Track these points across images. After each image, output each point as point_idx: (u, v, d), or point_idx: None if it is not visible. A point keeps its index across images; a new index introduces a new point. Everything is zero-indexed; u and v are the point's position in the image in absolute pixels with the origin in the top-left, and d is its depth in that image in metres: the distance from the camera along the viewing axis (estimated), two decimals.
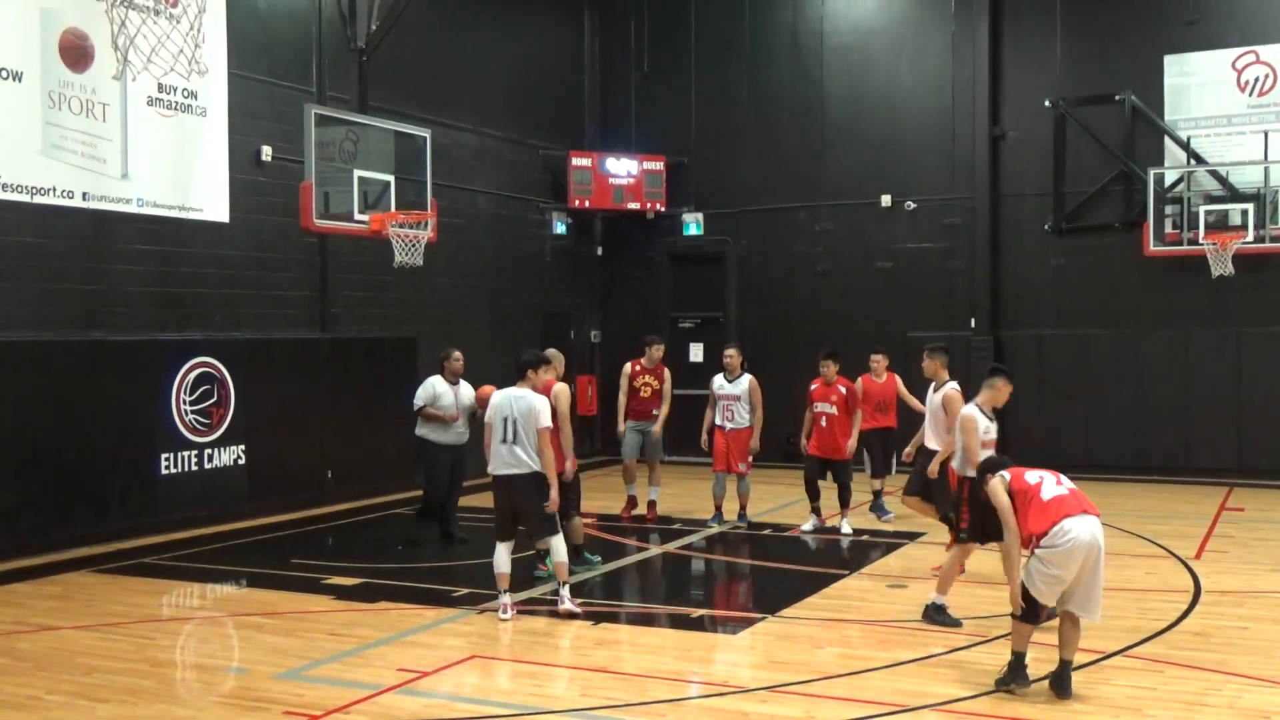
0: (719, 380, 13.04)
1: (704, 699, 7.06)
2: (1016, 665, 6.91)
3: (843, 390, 12.38)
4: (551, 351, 10.11)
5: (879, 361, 13.50)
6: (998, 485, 7.07)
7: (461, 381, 11.85)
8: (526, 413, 8.87)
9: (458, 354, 11.91)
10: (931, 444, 10.21)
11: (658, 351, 13.46)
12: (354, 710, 6.69)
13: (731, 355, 13.01)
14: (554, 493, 8.89)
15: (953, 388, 10.23)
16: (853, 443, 12.40)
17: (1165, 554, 11.23)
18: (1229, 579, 10.07)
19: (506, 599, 8.84)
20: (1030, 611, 6.85)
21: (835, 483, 12.40)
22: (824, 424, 12.30)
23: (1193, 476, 16.17)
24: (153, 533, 12.14)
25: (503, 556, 8.89)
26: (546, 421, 8.87)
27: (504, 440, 8.89)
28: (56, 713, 6.71)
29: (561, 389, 9.75)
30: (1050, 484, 6.95)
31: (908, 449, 11.07)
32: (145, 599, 9.67)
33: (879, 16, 18.40)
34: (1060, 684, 6.76)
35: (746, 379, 12.91)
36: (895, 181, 18.14)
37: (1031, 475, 7.06)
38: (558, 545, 8.98)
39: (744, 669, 7.72)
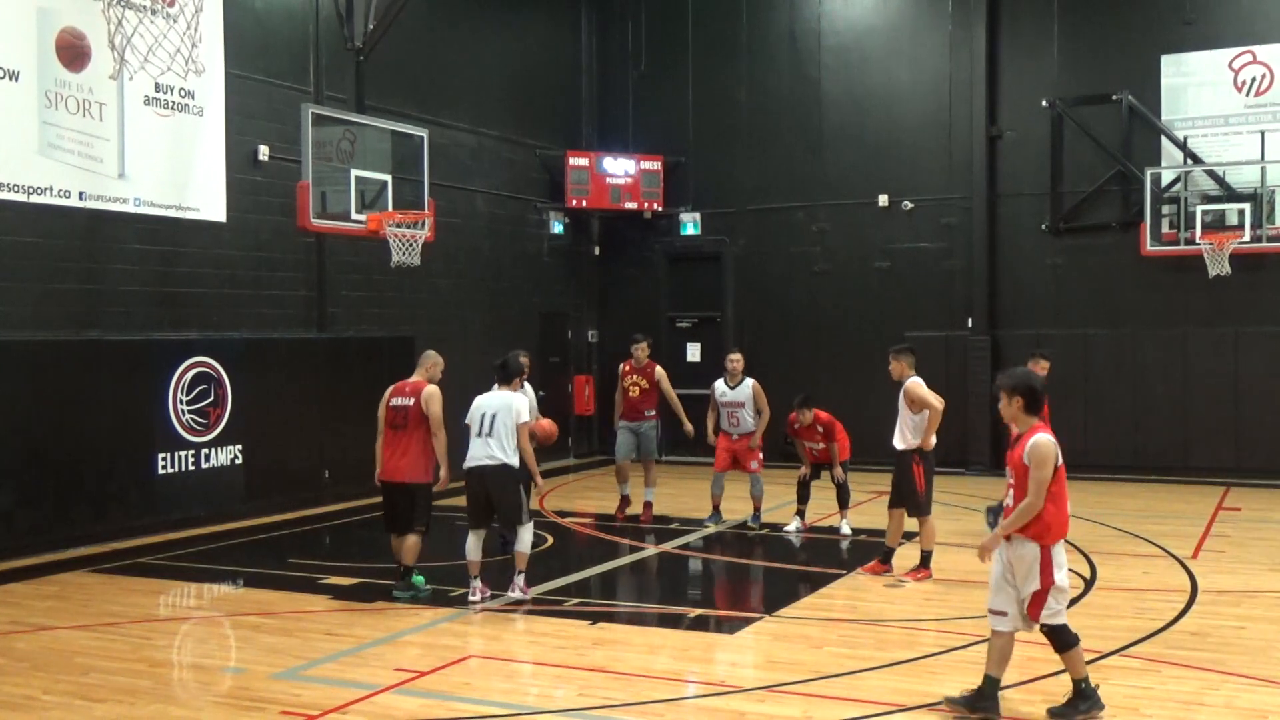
0: (720, 386, 12.86)
1: (701, 699, 7.06)
2: (1087, 692, 6.46)
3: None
4: (432, 352, 9.87)
5: (1043, 366, 12.28)
6: (1051, 451, 6.50)
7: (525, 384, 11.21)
8: (504, 408, 9.16)
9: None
10: (899, 445, 10.12)
11: (642, 350, 13.28)
12: (351, 710, 6.69)
13: (735, 360, 12.83)
14: (537, 478, 9.33)
15: (914, 381, 10.11)
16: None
17: (1162, 553, 11.23)
18: (1226, 579, 10.08)
19: (478, 583, 9.14)
20: (1069, 635, 6.49)
21: (833, 483, 12.35)
22: None
23: (1190, 476, 16.19)
24: (150, 532, 12.14)
25: (473, 545, 9.17)
26: (525, 417, 9.24)
27: (479, 434, 9.18)
28: (53, 713, 6.70)
29: (433, 391, 9.54)
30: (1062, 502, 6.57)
31: None
32: (142, 599, 9.65)
33: (876, 16, 18.41)
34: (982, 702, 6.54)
35: (749, 384, 12.78)
36: (892, 181, 18.15)
37: (1058, 482, 6.58)
38: (524, 536, 9.20)
39: (741, 669, 7.71)
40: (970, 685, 6.66)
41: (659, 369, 13.36)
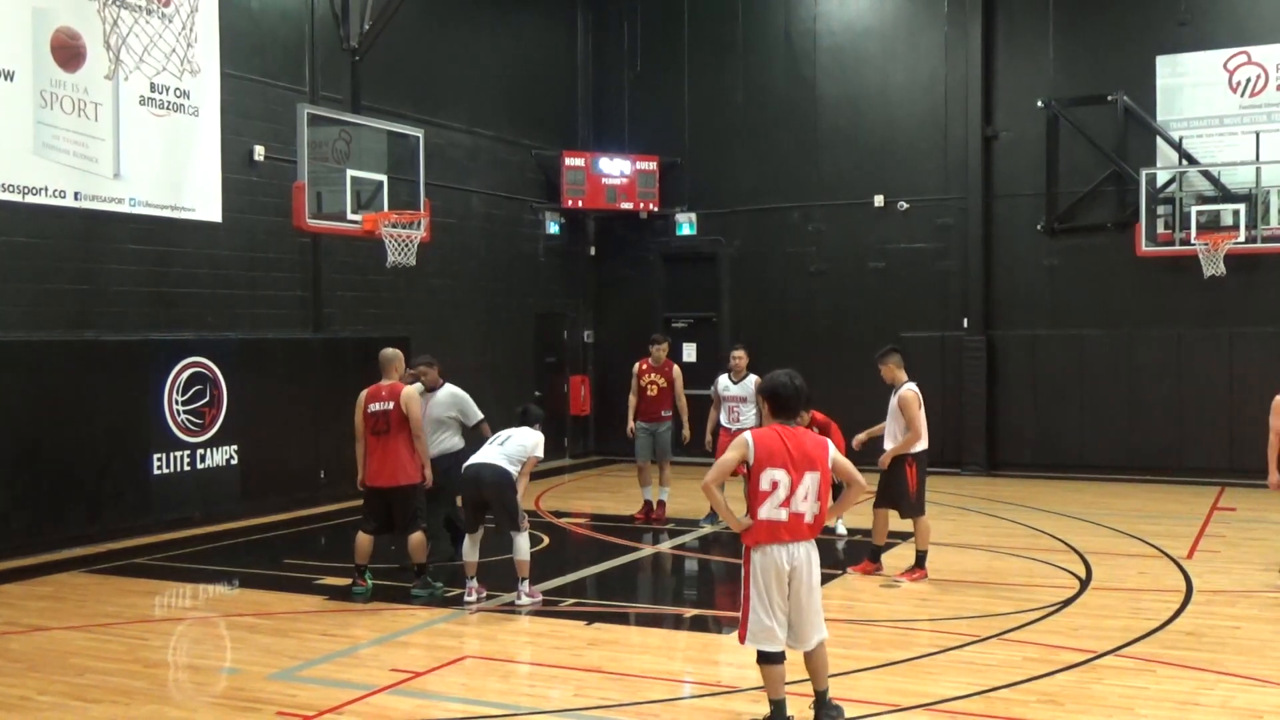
0: (724, 381, 12.92)
1: (698, 699, 7.06)
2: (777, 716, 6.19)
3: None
4: (390, 351, 9.71)
5: None
6: (739, 444, 6.28)
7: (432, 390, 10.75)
8: (525, 435, 9.34)
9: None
10: (889, 447, 10.12)
11: (661, 350, 13.35)
12: (347, 710, 6.68)
13: (739, 356, 12.88)
14: (522, 485, 9.27)
15: (909, 388, 10.12)
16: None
17: (1157, 553, 11.25)
18: (1221, 578, 10.09)
19: (474, 584, 9.18)
20: (765, 656, 6.19)
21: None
22: None
23: (1185, 476, 16.21)
24: (145, 533, 12.14)
25: (469, 546, 9.21)
26: (539, 454, 9.34)
27: (491, 443, 9.35)
28: (49, 713, 6.69)
29: (411, 393, 9.50)
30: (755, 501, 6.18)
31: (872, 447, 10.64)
32: (138, 599, 9.64)
33: (872, 16, 18.42)
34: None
35: (752, 380, 12.80)
36: (888, 181, 18.16)
37: (753, 480, 6.21)
38: (521, 542, 9.16)
39: (737, 669, 7.70)
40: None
41: (676, 368, 13.45)
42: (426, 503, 9.70)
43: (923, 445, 10.11)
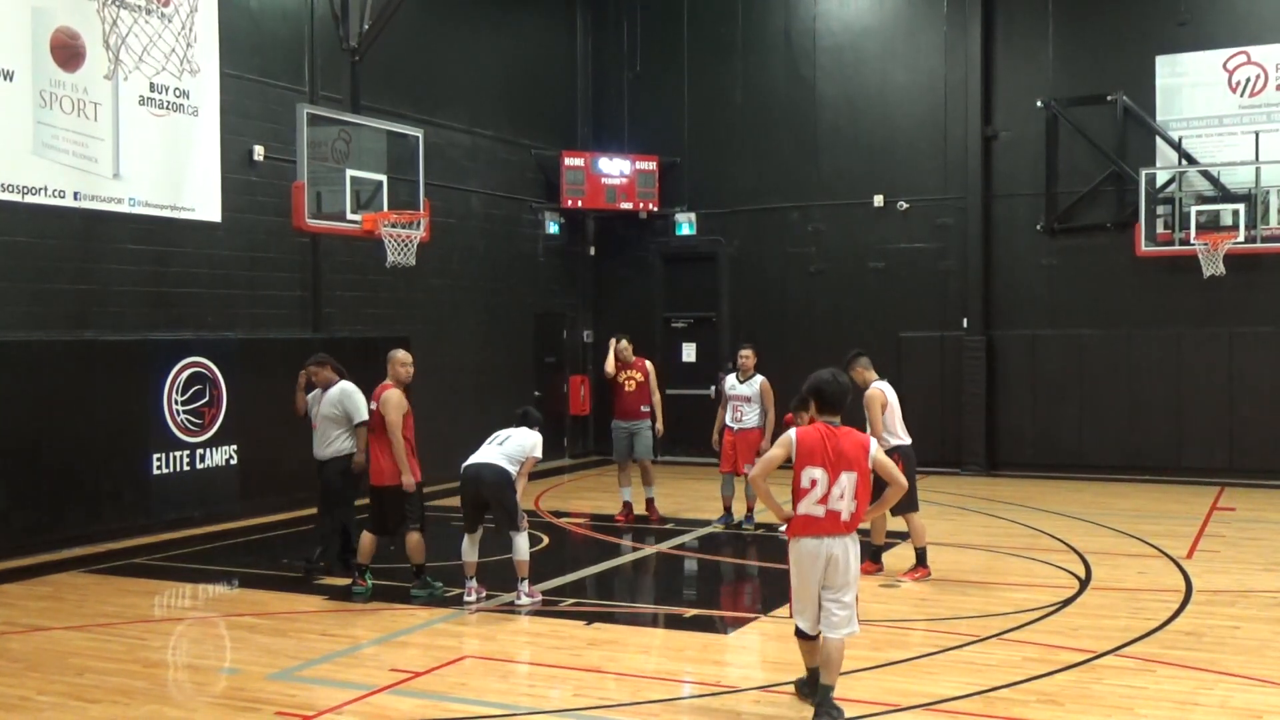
0: (731, 380, 12.92)
1: (697, 699, 7.06)
2: (803, 682, 6.63)
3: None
4: (393, 351, 9.71)
5: None
6: (784, 440, 6.57)
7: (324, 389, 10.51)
8: (525, 436, 9.35)
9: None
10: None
11: (618, 347, 13.25)
12: (346, 710, 6.68)
13: (747, 355, 12.87)
14: (520, 485, 9.26)
15: (874, 388, 10.15)
16: None
17: (1157, 553, 11.25)
18: (1221, 578, 10.10)
19: (473, 584, 9.21)
20: (801, 635, 6.57)
21: None
22: None
23: (1184, 476, 16.21)
24: (144, 533, 12.13)
25: (468, 546, 9.23)
26: (537, 454, 9.35)
27: (489, 443, 9.36)
28: (48, 713, 6.69)
29: (391, 396, 9.40)
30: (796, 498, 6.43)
31: None
32: (137, 599, 9.65)
33: (871, 16, 18.42)
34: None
35: (759, 380, 12.80)
36: (888, 181, 18.16)
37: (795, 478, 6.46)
38: (521, 542, 9.16)
39: (737, 669, 7.72)
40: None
41: (648, 363, 13.41)
42: (336, 506, 10.09)
43: (901, 440, 10.12)
